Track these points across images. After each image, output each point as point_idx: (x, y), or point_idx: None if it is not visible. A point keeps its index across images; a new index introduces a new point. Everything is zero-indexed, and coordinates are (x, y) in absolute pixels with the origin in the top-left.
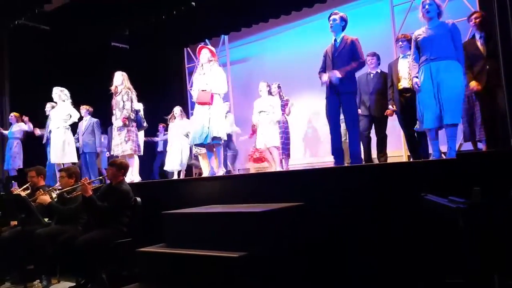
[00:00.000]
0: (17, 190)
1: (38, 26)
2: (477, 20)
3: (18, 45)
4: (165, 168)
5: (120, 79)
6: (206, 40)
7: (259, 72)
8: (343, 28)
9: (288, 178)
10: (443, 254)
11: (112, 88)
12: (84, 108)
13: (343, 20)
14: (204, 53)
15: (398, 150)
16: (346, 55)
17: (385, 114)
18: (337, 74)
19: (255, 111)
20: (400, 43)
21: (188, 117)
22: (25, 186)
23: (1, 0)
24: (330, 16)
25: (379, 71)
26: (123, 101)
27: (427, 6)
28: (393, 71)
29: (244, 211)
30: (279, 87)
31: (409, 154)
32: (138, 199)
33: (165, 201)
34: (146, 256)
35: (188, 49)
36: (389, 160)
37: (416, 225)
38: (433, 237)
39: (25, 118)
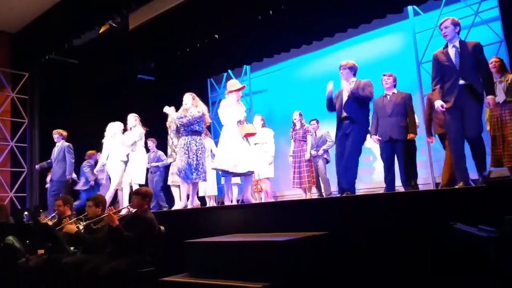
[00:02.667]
0: (44, 219)
1: (67, 60)
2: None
3: (49, 79)
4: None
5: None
6: (229, 71)
7: (280, 101)
8: (354, 75)
9: (311, 207)
10: (472, 285)
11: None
12: (56, 133)
13: (353, 69)
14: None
15: (424, 177)
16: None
17: (408, 138)
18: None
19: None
20: None
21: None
22: (52, 215)
23: (34, 37)
24: (340, 67)
25: (395, 91)
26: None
27: None
28: None
29: (267, 240)
30: (300, 115)
31: (438, 182)
32: (162, 227)
33: (188, 230)
34: (169, 286)
35: (212, 79)
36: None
37: (444, 255)
38: (462, 268)
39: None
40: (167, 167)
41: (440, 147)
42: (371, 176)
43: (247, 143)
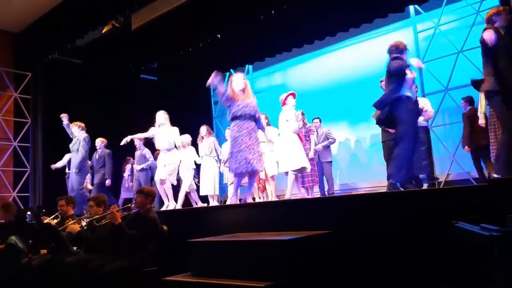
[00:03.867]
0: (47, 219)
1: (70, 60)
2: None
3: (52, 79)
4: (201, 194)
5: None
6: (231, 70)
7: None
8: None
9: (315, 206)
10: (475, 283)
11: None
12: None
13: None
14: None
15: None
16: None
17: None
18: None
19: None
20: None
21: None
22: (55, 215)
23: (37, 37)
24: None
25: None
26: None
27: None
28: None
29: (271, 239)
30: (302, 114)
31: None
32: (165, 227)
33: (191, 229)
34: (172, 285)
35: None
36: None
37: (446, 254)
38: (464, 266)
39: None
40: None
41: (441, 145)
42: (372, 175)
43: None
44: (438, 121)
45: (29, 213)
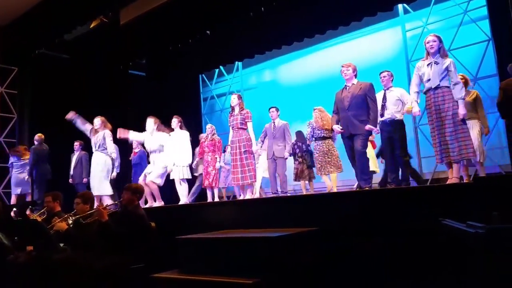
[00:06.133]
0: (33, 215)
1: (58, 55)
2: None
3: (39, 74)
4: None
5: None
6: (221, 67)
7: (272, 97)
8: (356, 76)
9: (302, 203)
10: (460, 279)
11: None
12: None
13: (355, 70)
14: None
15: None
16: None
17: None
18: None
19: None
20: None
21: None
22: (41, 211)
23: (24, 31)
24: (342, 68)
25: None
26: None
27: None
28: None
29: (258, 236)
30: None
31: (427, 178)
32: (153, 224)
33: (179, 226)
34: (160, 282)
35: (203, 75)
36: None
37: (433, 251)
38: (450, 263)
39: None
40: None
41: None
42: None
43: None
44: (427, 119)
45: (14, 209)
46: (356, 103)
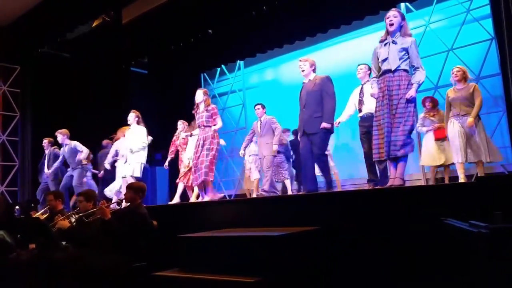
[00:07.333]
0: (36, 213)
1: (60, 54)
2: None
3: (41, 72)
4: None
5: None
6: (222, 66)
7: (274, 96)
8: (314, 71)
9: (304, 202)
10: (463, 279)
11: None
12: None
13: (313, 65)
14: None
15: (416, 173)
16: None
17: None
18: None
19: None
20: None
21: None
22: (43, 210)
23: (26, 30)
24: (299, 63)
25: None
26: None
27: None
28: None
29: (260, 235)
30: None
31: (428, 178)
32: (155, 222)
33: (181, 225)
34: (162, 280)
35: (205, 74)
36: (407, 184)
37: (436, 250)
38: (453, 263)
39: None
40: None
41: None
42: (359, 172)
43: None
44: None
45: (17, 207)
46: (312, 100)
